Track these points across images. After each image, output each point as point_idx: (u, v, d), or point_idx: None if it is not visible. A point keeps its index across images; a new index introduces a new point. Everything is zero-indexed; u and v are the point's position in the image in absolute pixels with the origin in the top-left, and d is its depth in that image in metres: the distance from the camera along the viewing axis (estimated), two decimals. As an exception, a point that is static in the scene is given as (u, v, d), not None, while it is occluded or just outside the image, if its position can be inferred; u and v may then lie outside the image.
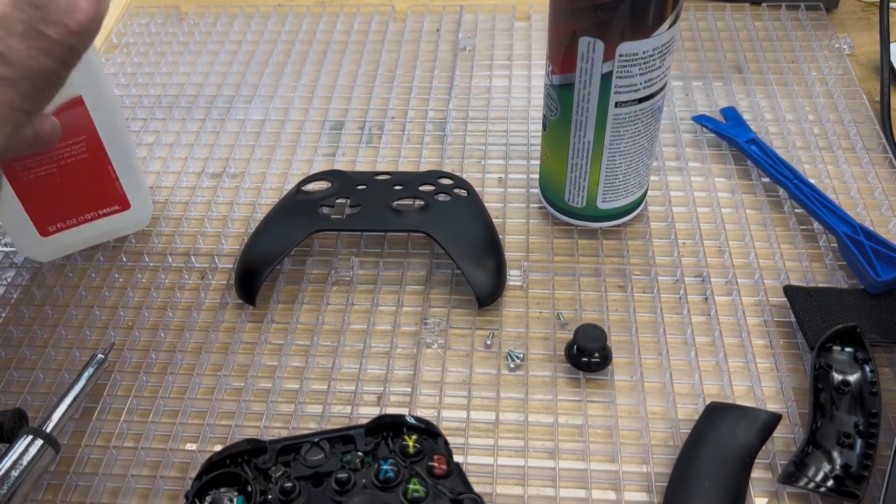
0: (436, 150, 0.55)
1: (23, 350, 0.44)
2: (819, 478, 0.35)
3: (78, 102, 0.42)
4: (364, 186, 0.48)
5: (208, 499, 0.32)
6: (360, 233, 0.49)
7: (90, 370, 0.41)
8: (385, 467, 0.32)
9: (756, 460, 0.35)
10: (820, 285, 0.44)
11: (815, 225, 0.47)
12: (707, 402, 0.38)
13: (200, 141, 0.57)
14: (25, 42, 0.28)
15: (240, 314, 0.45)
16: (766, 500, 0.36)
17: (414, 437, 0.34)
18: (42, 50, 0.28)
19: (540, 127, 0.55)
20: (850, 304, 0.42)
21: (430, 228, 0.45)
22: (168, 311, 0.46)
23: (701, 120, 0.54)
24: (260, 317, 0.45)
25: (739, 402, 0.39)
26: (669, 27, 0.39)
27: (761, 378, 0.41)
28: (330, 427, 0.39)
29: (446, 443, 0.34)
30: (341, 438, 0.34)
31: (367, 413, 0.40)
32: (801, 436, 0.38)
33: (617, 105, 0.41)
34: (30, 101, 0.29)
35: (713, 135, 0.54)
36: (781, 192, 0.50)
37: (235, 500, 0.32)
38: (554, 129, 0.44)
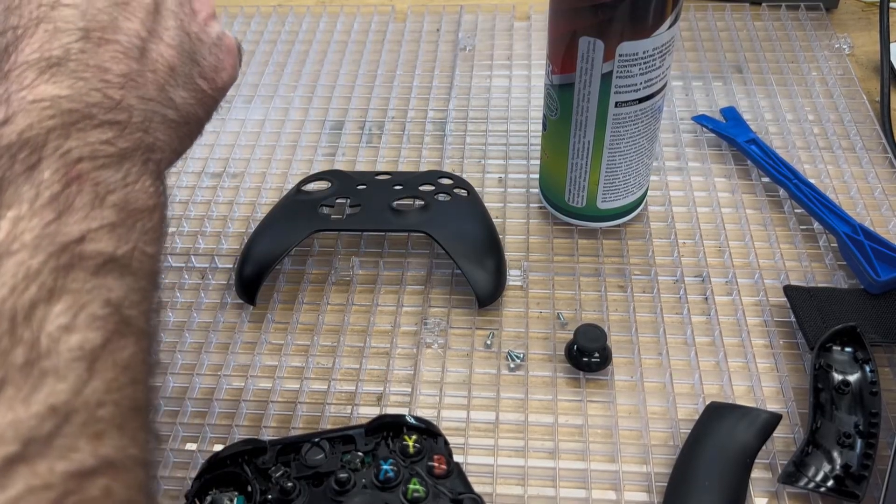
0: (436, 150, 0.55)
1: (23, 350, 0.44)
2: (819, 478, 0.35)
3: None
4: (364, 186, 0.48)
5: (208, 499, 0.32)
6: (360, 233, 0.49)
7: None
8: (385, 467, 0.32)
9: (756, 460, 0.35)
10: (820, 285, 0.44)
11: (815, 225, 0.47)
12: (707, 402, 0.38)
13: (200, 140, 0.56)
14: (188, 92, 0.31)
15: (240, 314, 0.45)
16: (766, 500, 0.36)
17: (414, 437, 0.34)
18: (198, 101, 0.31)
19: (540, 127, 0.55)
20: (850, 304, 0.42)
21: (430, 228, 0.45)
22: (168, 310, 0.46)
23: (701, 120, 0.54)
24: (260, 317, 0.45)
25: (739, 402, 0.39)
26: (669, 27, 0.39)
27: (761, 378, 0.41)
28: (330, 427, 0.39)
29: (446, 443, 0.34)
30: (341, 438, 0.34)
31: (367, 413, 0.40)
32: (801, 436, 0.38)
33: (617, 105, 0.41)
34: (182, 145, 0.31)
35: (713, 135, 0.54)
36: (781, 192, 0.50)
37: (235, 500, 0.32)
38: (554, 129, 0.44)
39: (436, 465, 0.33)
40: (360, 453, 0.33)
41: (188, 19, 0.31)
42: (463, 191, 0.47)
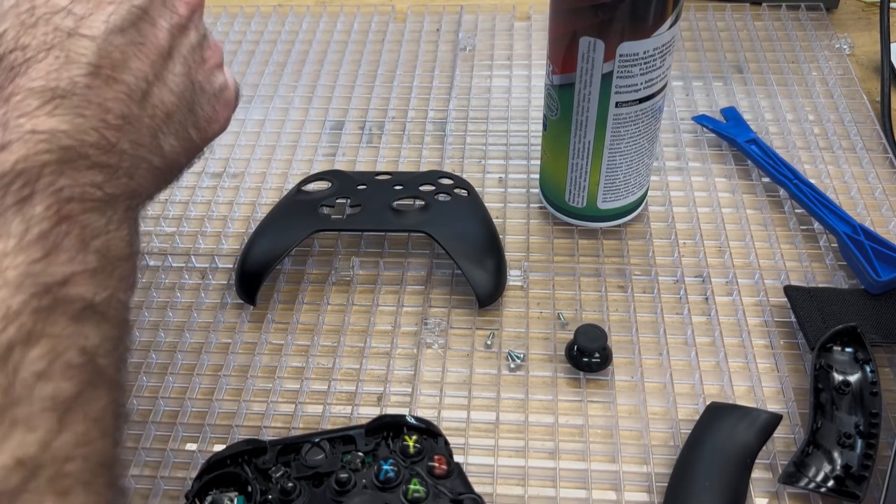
0: (436, 150, 0.55)
1: (23, 350, 0.44)
2: (819, 478, 0.35)
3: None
4: (364, 186, 0.48)
5: (208, 499, 0.32)
6: (360, 233, 0.49)
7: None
8: (385, 467, 0.32)
9: (756, 460, 0.35)
10: (820, 285, 0.44)
11: (816, 225, 0.47)
12: (707, 402, 0.38)
13: (200, 141, 0.57)
14: (178, 141, 0.30)
15: (240, 314, 0.45)
16: (766, 500, 0.36)
17: (414, 437, 0.34)
18: (185, 149, 0.31)
19: (540, 127, 0.55)
20: (850, 304, 0.42)
21: (430, 228, 0.45)
22: (168, 311, 0.45)
23: (701, 120, 0.54)
24: (260, 317, 0.45)
25: (740, 403, 0.39)
26: (670, 27, 0.39)
27: (761, 378, 0.41)
28: (330, 427, 0.39)
29: (446, 443, 0.34)
30: (341, 438, 0.34)
31: (368, 413, 0.40)
32: (801, 436, 0.38)
33: (617, 105, 0.41)
34: (158, 189, 0.31)
35: (713, 135, 0.54)
36: (781, 192, 0.50)
37: (235, 500, 0.32)
38: (554, 129, 0.44)
39: (436, 465, 0.33)
40: (360, 453, 0.33)
41: (196, 67, 0.31)
42: (463, 191, 0.47)
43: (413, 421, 0.34)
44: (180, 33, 0.30)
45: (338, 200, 0.47)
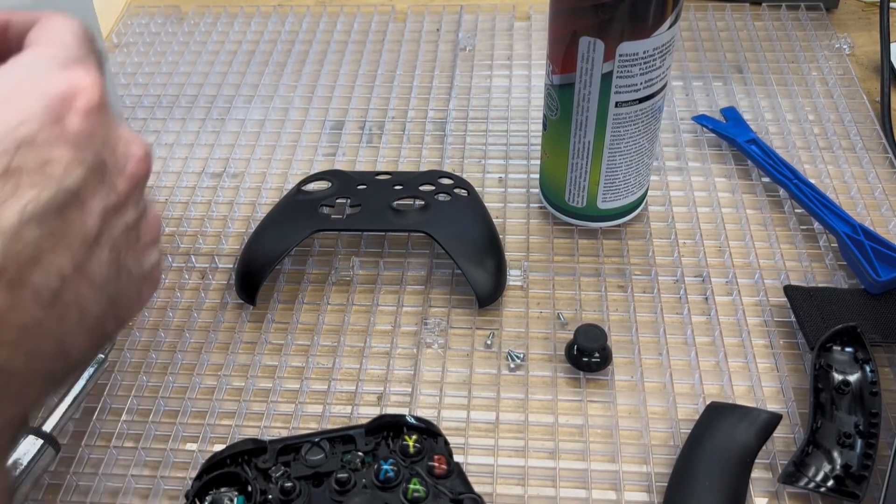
0: (436, 150, 0.55)
1: (23, 350, 0.44)
2: (819, 478, 0.35)
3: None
4: (364, 186, 0.48)
5: (208, 499, 0.32)
6: (360, 233, 0.49)
7: (90, 370, 0.41)
8: (385, 467, 0.32)
9: (756, 460, 0.35)
10: (820, 285, 0.44)
11: (816, 225, 0.47)
12: (707, 402, 0.38)
13: (200, 141, 0.57)
14: (89, 339, 0.25)
15: (240, 314, 0.45)
16: (766, 500, 0.36)
17: (414, 436, 0.34)
18: (94, 346, 0.25)
19: (540, 127, 0.55)
20: (850, 304, 0.42)
21: (430, 228, 0.45)
22: (168, 311, 0.46)
23: (701, 120, 0.54)
24: (260, 317, 0.45)
25: (740, 402, 0.39)
26: (669, 27, 0.39)
27: (761, 378, 0.41)
28: (330, 427, 0.39)
29: (446, 443, 0.34)
30: (341, 438, 0.34)
31: (368, 413, 0.40)
32: (801, 436, 0.38)
33: (617, 105, 0.41)
34: (47, 398, 0.26)
35: (713, 135, 0.54)
36: (781, 192, 0.50)
37: (235, 499, 0.32)
38: (554, 129, 0.44)
39: (436, 465, 0.33)
40: (360, 453, 0.33)
41: (126, 249, 0.26)
42: (463, 191, 0.47)
43: (413, 421, 0.34)
44: (115, 214, 0.25)
45: (338, 200, 0.47)
